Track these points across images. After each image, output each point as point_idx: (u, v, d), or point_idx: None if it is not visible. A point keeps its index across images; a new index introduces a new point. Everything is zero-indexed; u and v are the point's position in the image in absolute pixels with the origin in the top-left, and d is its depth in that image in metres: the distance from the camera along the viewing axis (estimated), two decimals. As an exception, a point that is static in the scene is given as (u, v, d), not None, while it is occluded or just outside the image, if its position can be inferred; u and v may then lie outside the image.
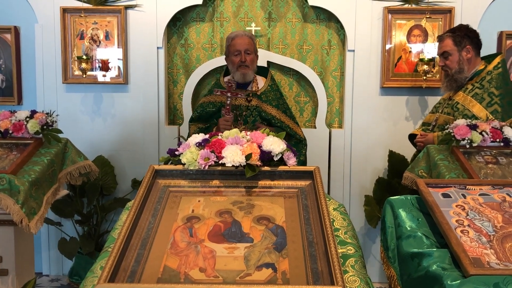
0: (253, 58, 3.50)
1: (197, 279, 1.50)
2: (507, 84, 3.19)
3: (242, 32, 3.54)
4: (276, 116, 3.50)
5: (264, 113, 3.48)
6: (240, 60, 3.43)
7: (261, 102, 3.51)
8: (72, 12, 3.96)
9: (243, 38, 3.47)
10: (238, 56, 3.45)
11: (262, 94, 3.53)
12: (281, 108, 3.56)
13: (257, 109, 3.49)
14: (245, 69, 3.45)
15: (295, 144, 3.54)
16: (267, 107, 3.50)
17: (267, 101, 3.52)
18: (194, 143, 2.03)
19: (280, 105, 3.57)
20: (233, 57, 3.47)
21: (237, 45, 3.45)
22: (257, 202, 1.89)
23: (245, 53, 3.44)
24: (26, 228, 2.60)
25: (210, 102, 3.60)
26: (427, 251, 1.57)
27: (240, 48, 3.44)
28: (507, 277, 1.36)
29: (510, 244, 1.54)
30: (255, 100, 3.51)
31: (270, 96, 3.55)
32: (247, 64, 3.45)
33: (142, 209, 1.82)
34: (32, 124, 2.93)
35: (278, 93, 3.64)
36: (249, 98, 3.51)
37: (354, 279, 1.53)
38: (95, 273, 1.59)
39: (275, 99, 3.56)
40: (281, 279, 1.49)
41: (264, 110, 3.49)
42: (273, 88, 3.60)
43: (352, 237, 1.74)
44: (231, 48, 3.48)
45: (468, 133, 2.80)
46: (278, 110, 3.52)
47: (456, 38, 3.21)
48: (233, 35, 3.51)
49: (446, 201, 1.75)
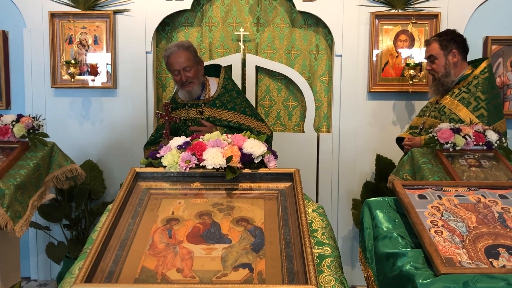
0: (196, 71, 3.22)
1: (174, 279, 1.51)
2: (493, 89, 3.24)
3: (176, 48, 3.21)
4: (232, 120, 3.23)
5: (218, 121, 3.20)
6: (181, 79, 3.19)
7: (214, 110, 3.23)
8: (61, 17, 3.98)
9: (178, 54, 3.18)
10: (178, 75, 3.20)
11: (215, 100, 3.25)
12: (239, 109, 3.28)
13: (209, 119, 3.21)
14: (189, 85, 3.22)
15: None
16: (222, 113, 3.23)
17: (221, 106, 3.25)
18: (176, 145, 2.05)
19: (237, 105, 3.29)
20: (174, 76, 3.25)
21: (174, 65, 3.19)
22: (237, 204, 1.91)
23: (185, 70, 3.18)
24: (11, 232, 2.60)
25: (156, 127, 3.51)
26: (401, 251, 1.59)
27: (178, 67, 3.18)
28: (477, 276, 1.38)
29: (483, 244, 1.56)
30: (207, 109, 3.24)
31: (225, 99, 3.28)
32: (190, 80, 3.20)
33: (122, 211, 1.83)
34: (18, 128, 2.93)
35: (235, 92, 3.35)
36: (201, 109, 3.25)
37: (329, 279, 1.54)
38: (73, 274, 1.60)
39: (231, 100, 3.28)
40: (257, 279, 1.50)
41: (218, 118, 3.21)
42: (227, 89, 3.32)
43: (329, 238, 1.75)
44: (169, 67, 3.25)
45: (452, 137, 2.83)
46: (235, 113, 3.24)
47: (443, 42, 3.25)
48: (167, 53, 3.23)
49: (421, 202, 1.78)
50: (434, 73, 3.31)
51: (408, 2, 3.98)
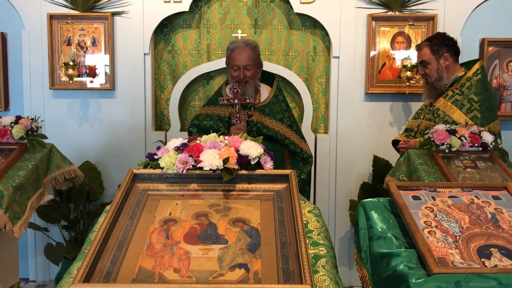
0: (254, 73, 3.21)
1: (171, 279, 1.53)
2: (486, 90, 3.26)
3: (243, 44, 3.22)
4: (279, 131, 3.20)
5: (266, 129, 3.17)
6: (238, 76, 3.17)
7: (263, 116, 3.22)
8: (59, 19, 3.99)
9: (243, 51, 3.17)
10: (237, 71, 3.18)
11: (265, 107, 3.24)
12: (287, 122, 3.27)
13: (257, 125, 3.19)
14: (245, 85, 3.19)
15: (296, 162, 3.30)
16: (270, 122, 3.20)
17: (270, 114, 3.23)
18: (173, 147, 2.07)
19: (286, 118, 3.28)
20: (232, 71, 3.22)
21: (236, 60, 3.17)
22: (234, 205, 1.93)
23: (245, 68, 3.16)
24: (9, 233, 2.62)
25: (207, 114, 3.33)
26: (395, 251, 1.61)
27: (239, 63, 3.16)
28: (468, 275, 1.40)
29: (475, 244, 1.58)
30: (256, 114, 3.22)
31: (275, 108, 3.26)
32: (247, 80, 3.19)
33: (120, 212, 1.85)
34: (17, 130, 2.96)
35: (284, 104, 3.35)
36: (250, 113, 3.22)
37: (324, 279, 1.56)
38: (72, 274, 1.62)
39: (281, 111, 3.27)
40: (253, 279, 1.52)
41: (266, 126, 3.19)
42: (278, 99, 3.32)
43: (324, 238, 1.77)
44: (230, 61, 3.22)
45: (447, 138, 2.86)
46: (282, 125, 3.23)
47: (434, 47, 3.27)
48: (233, 47, 3.22)
49: (415, 203, 1.80)
50: (427, 77, 3.34)
51: (405, 4, 4.01)
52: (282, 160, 3.27)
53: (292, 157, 3.33)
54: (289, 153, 3.33)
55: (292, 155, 3.31)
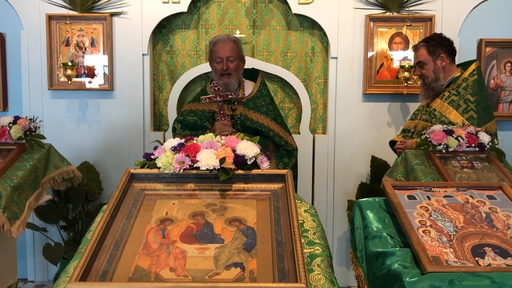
0: (237, 65, 3.26)
1: (167, 278, 1.54)
2: (483, 91, 3.27)
3: (225, 37, 3.31)
4: (264, 123, 3.24)
5: (250, 122, 3.22)
6: (222, 68, 3.21)
7: (247, 110, 3.26)
8: (58, 19, 4.01)
9: (225, 43, 3.23)
10: (221, 63, 3.22)
11: (249, 101, 3.29)
12: (271, 115, 3.30)
13: (241, 118, 3.24)
14: (228, 77, 3.23)
15: (282, 155, 3.32)
16: (254, 115, 3.24)
17: (254, 108, 3.27)
18: (170, 147, 2.08)
19: (270, 111, 3.32)
20: (215, 64, 3.25)
21: (219, 52, 3.22)
22: (230, 205, 1.93)
23: (228, 60, 3.20)
24: (7, 233, 2.63)
25: (191, 110, 3.37)
26: (390, 250, 1.62)
27: (222, 55, 3.21)
28: (462, 274, 1.41)
29: (469, 243, 1.59)
30: (240, 108, 3.26)
31: (259, 102, 3.30)
32: (230, 72, 3.22)
33: (117, 212, 1.85)
34: (15, 130, 2.96)
35: (269, 98, 3.40)
36: (233, 107, 3.27)
37: (319, 278, 1.57)
38: (68, 273, 1.63)
39: (265, 105, 3.31)
40: (249, 278, 1.53)
41: (250, 118, 3.23)
42: (262, 94, 3.36)
43: (320, 237, 1.78)
44: (213, 54, 3.27)
45: (444, 138, 2.86)
46: (267, 117, 3.27)
47: (430, 48, 3.28)
48: (215, 40, 3.28)
49: (410, 203, 1.81)
50: (424, 78, 3.35)
51: (402, 5, 4.02)
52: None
53: (277, 150, 3.32)
54: (274, 146, 3.33)
55: (277, 148, 3.31)
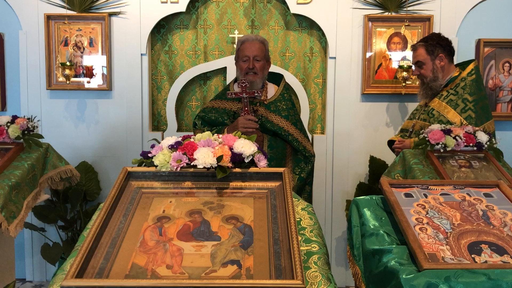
0: (263, 65, 3.28)
1: (164, 275, 1.54)
2: (481, 90, 3.27)
3: (253, 37, 3.34)
4: (283, 127, 3.24)
5: (270, 124, 3.21)
6: (248, 66, 3.23)
7: (268, 112, 3.25)
8: (56, 19, 4.01)
9: (253, 43, 3.26)
10: (247, 62, 3.24)
11: (271, 104, 3.29)
12: (291, 120, 3.30)
13: (261, 119, 3.22)
14: (253, 76, 3.23)
15: (298, 160, 3.31)
16: (275, 118, 3.24)
17: (276, 111, 3.27)
18: (167, 145, 2.07)
19: (291, 116, 3.32)
20: (242, 63, 3.27)
21: (246, 50, 3.25)
22: (227, 203, 1.93)
23: (254, 59, 3.23)
24: (5, 232, 2.63)
25: (213, 107, 3.36)
26: (387, 248, 1.62)
27: (249, 53, 3.23)
28: (458, 271, 1.41)
29: (466, 240, 1.59)
30: (261, 109, 3.26)
31: (281, 105, 3.30)
32: (255, 71, 3.23)
33: (114, 209, 1.85)
34: (13, 129, 2.96)
35: (290, 103, 3.38)
36: (255, 108, 3.26)
37: (316, 275, 1.57)
38: (65, 270, 1.62)
39: (286, 109, 3.31)
40: (245, 275, 1.53)
41: (270, 120, 3.22)
42: (284, 97, 3.36)
43: (317, 235, 1.78)
44: (240, 52, 3.28)
45: (442, 138, 2.86)
46: (287, 121, 3.26)
47: (429, 47, 3.28)
48: (243, 39, 3.32)
49: (407, 201, 1.81)
50: (422, 78, 3.35)
51: (401, 5, 4.03)
52: (284, 157, 3.29)
53: (295, 155, 3.33)
54: (291, 150, 3.33)
55: (294, 152, 3.32)
